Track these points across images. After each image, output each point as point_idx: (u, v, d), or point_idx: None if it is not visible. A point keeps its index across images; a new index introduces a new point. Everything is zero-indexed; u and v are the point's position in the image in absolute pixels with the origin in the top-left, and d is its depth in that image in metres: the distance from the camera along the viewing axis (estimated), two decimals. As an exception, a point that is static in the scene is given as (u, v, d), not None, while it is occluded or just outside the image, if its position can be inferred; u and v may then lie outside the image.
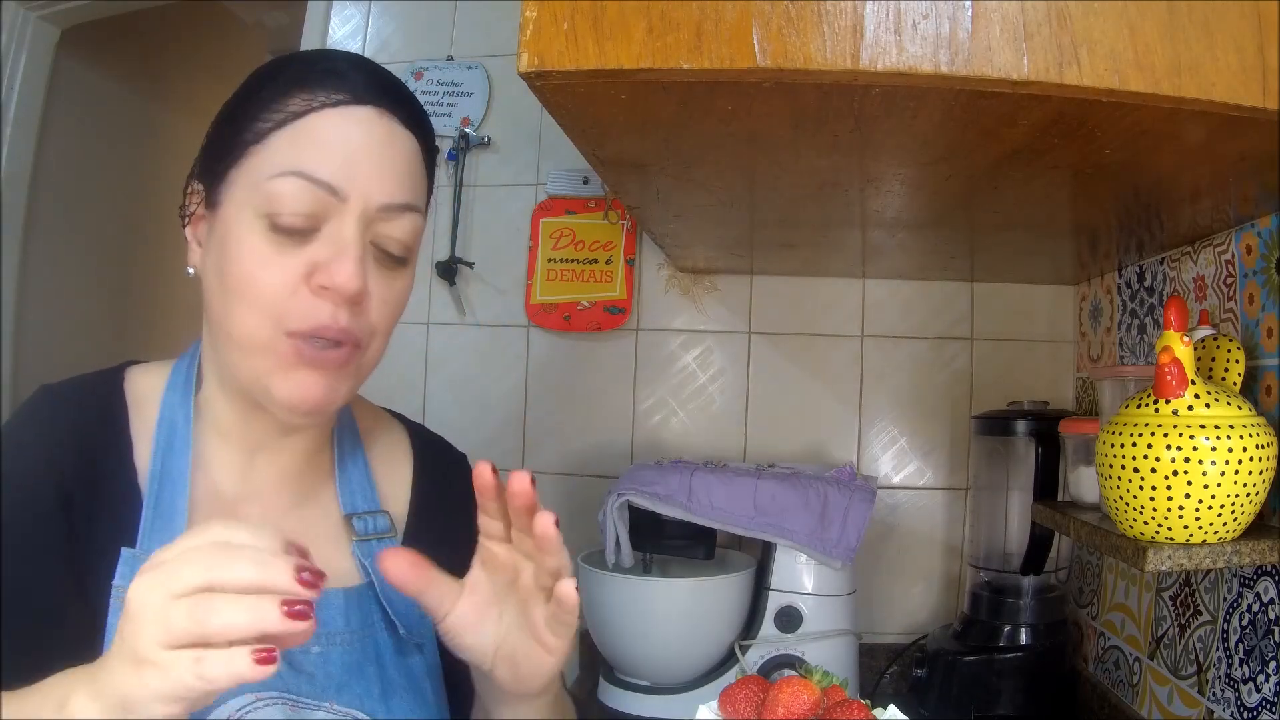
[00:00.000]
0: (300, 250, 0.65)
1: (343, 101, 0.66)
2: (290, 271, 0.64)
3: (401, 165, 0.69)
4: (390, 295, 0.70)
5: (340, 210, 0.65)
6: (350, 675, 0.69)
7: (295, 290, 0.64)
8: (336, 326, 0.65)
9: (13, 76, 2.01)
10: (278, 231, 0.64)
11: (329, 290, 0.64)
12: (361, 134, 0.66)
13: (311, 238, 0.65)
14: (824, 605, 1.30)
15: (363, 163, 0.66)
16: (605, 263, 1.60)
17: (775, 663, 1.28)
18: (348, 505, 0.77)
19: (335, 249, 0.65)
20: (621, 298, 1.58)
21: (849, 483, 1.31)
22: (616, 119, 0.73)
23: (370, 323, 0.68)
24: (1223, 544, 0.84)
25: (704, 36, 0.60)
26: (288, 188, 0.64)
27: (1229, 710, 0.96)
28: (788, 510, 1.27)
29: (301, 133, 0.65)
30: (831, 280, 1.57)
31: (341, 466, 0.79)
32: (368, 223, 0.66)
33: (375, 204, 0.66)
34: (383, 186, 0.67)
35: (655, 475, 1.30)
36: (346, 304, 0.65)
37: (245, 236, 0.65)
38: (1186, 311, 0.88)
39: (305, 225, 0.64)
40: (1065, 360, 1.53)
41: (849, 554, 1.27)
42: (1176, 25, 0.61)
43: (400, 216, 0.68)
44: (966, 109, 0.67)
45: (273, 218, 0.64)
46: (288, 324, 0.64)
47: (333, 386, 0.67)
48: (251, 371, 0.67)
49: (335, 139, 0.65)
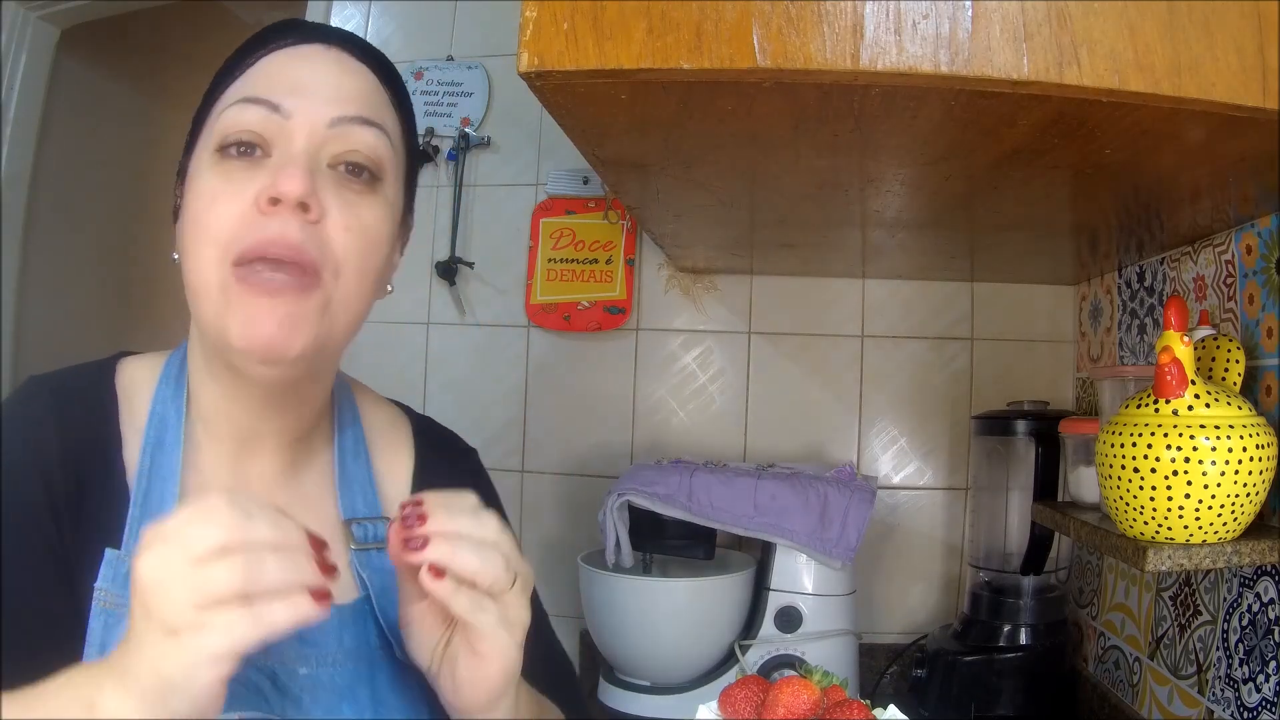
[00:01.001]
0: (251, 177, 0.62)
1: (291, 43, 0.67)
2: (240, 198, 0.62)
3: (353, 86, 0.67)
4: (355, 222, 0.64)
5: (287, 129, 0.63)
6: (340, 699, 0.65)
7: (244, 215, 0.61)
8: (285, 241, 0.60)
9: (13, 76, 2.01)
10: (228, 161, 0.63)
11: (276, 203, 0.61)
12: (308, 63, 0.66)
13: (262, 164, 0.63)
14: (824, 605, 1.30)
15: (309, 84, 0.65)
16: (605, 263, 1.60)
17: (775, 663, 1.28)
18: (347, 509, 0.73)
19: (282, 164, 0.62)
20: (621, 298, 1.58)
21: (849, 483, 1.31)
22: (616, 119, 0.73)
23: (332, 250, 0.63)
24: (1223, 544, 0.84)
25: (704, 36, 0.60)
26: (234, 113, 0.63)
27: (1229, 710, 0.96)
28: (788, 510, 1.28)
29: (251, 75, 0.66)
30: (831, 280, 1.57)
31: (342, 464, 0.75)
32: (320, 140, 0.64)
33: (324, 119, 0.64)
34: (332, 104, 0.65)
35: (655, 475, 1.30)
36: (296, 215, 0.61)
37: (201, 178, 0.64)
38: (1186, 311, 0.88)
39: (254, 146, 0.63)
40: (1065, 360, 1.53)
41: (849, 554, 1.27)
42: (1176, 25, 0.61)
43: (355, 130, 0.65)
44: (966, 109, 0.67)
45: (222, 147, 0.63)
46: (234, 250, 0.61)
47: (291, 322, 0.61)
48: (211, 317, 0.63)
49: (282, 70, 0.66)
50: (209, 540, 0.49)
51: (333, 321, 0.64)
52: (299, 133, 0.63)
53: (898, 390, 1.56)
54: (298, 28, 0.68)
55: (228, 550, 0.49)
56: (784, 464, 1.45)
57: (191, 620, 0.48)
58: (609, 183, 1.04)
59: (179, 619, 0.48)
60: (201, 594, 0.48)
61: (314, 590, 0.50)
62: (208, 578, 0.48)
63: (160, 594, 0.48)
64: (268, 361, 0.62)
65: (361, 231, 0.65)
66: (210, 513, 0.50)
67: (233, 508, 0.50)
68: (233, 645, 0.48)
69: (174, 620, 0.48)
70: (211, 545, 0.48)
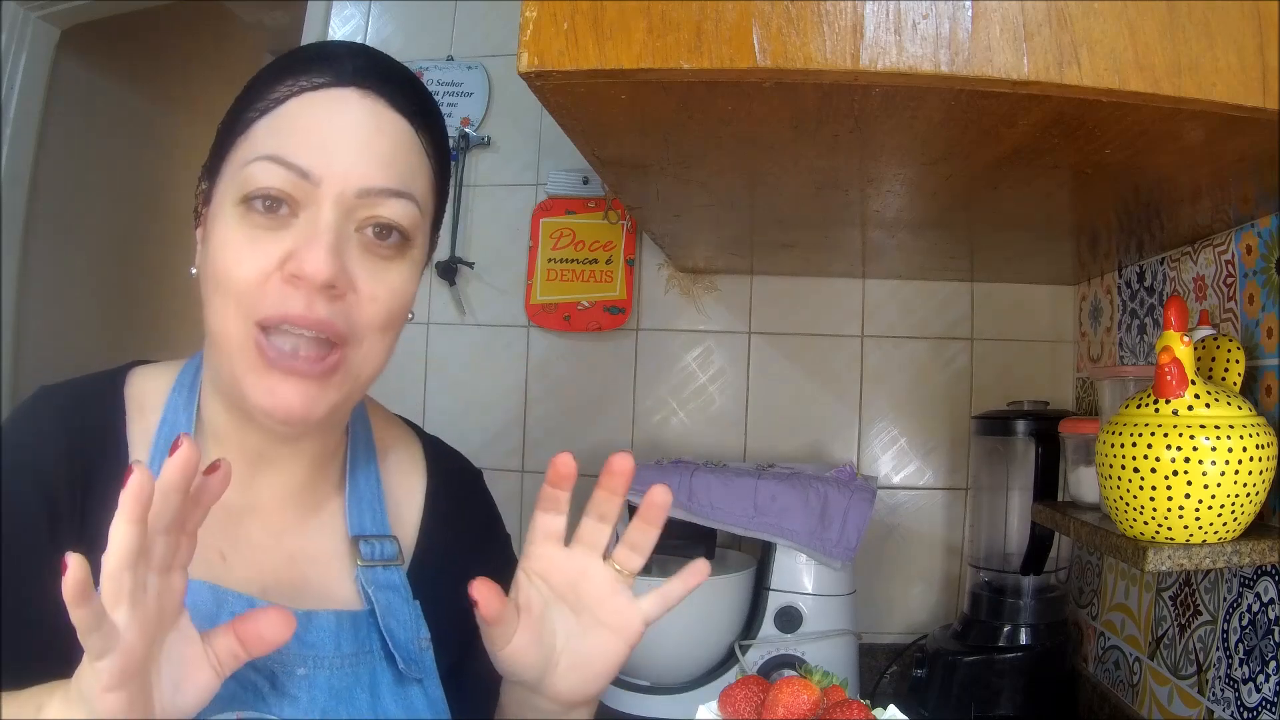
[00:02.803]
0: (275, 239, 0.61)
1: (324, 84, 0.63)
2: (263, 261, 0.61)
3: (385, 148, 0.64)
4: (381, 290, 0.64)
5: (315, 195, 0.62)
6: (337, 701, 0.65)
7: (267, 279, 0.61)
8: (311, 317, 0.60)
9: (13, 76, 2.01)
10: (252, 217, 0.61)
11: (299, 279, 0.60)
12: (340, 116, 0.63)
13: (288, 226, 0.62)
14: (824, 605, 1.30)
15: (339, 145, 0.62)
16: (605, 263, 1.60)
17: (775, 663, 1.28)
18: (355, 526, 0.73)
19: (308, 236, 0.61)
20: (621, 298, 1.58)
21: (849, 483, 1.31)
22: (616, 119, 0.73)
23: (357, 319, 0.63)
24: (1223, 544, 0.84)
25: (704, 36, 0.60)
26: (260, 171, 0.61)
27: (1229, 710, 0.96)
28: (788, 510, 1.27)
29: (281, 118, 0.63)
30: (831, 280, 1.57)
31: (353, 481, 0.74)
32: (346, 209, 0.62)
33: (353, 188, 0.62)
34: (363, 170, 0.63)
35: (655, 475, 1.30)
36: (321, 294, 0.61)
37: (224, 227, 0.63)
38: (1186, 311, 0.87)
39: (280, 211, 0.61)
40: (1065, 360, 1.53)
41: (849, 554, 1.27)
42: (1176, 25, 0.61)
43: (384, 202, 0.64)
44: (966, 109, 0.67)
45: (249, 204, 0.62)
46: (258, 313, 0.61)
47: (315, 395, 0.62)
48: (229, 373, 0.63)
49: (312, 122, 0.63)
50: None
51: (355, 380, 0.66)
52: (325, 201, 0.62)
53: (898, 390, 1.56)
54: (332, 63, 0.65)
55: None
56: (784, 464, 1.45)
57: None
58: (609, 183, 1.04)
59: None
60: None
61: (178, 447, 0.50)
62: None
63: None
64: (287, 425, 0.63)
65: (389, 299, 0.65)
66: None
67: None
68: (90, 620, 0.48)
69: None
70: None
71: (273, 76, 0.65)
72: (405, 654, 0.70)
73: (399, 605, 0.71)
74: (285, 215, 0.62)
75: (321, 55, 0.65)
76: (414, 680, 0.70)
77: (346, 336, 0.63)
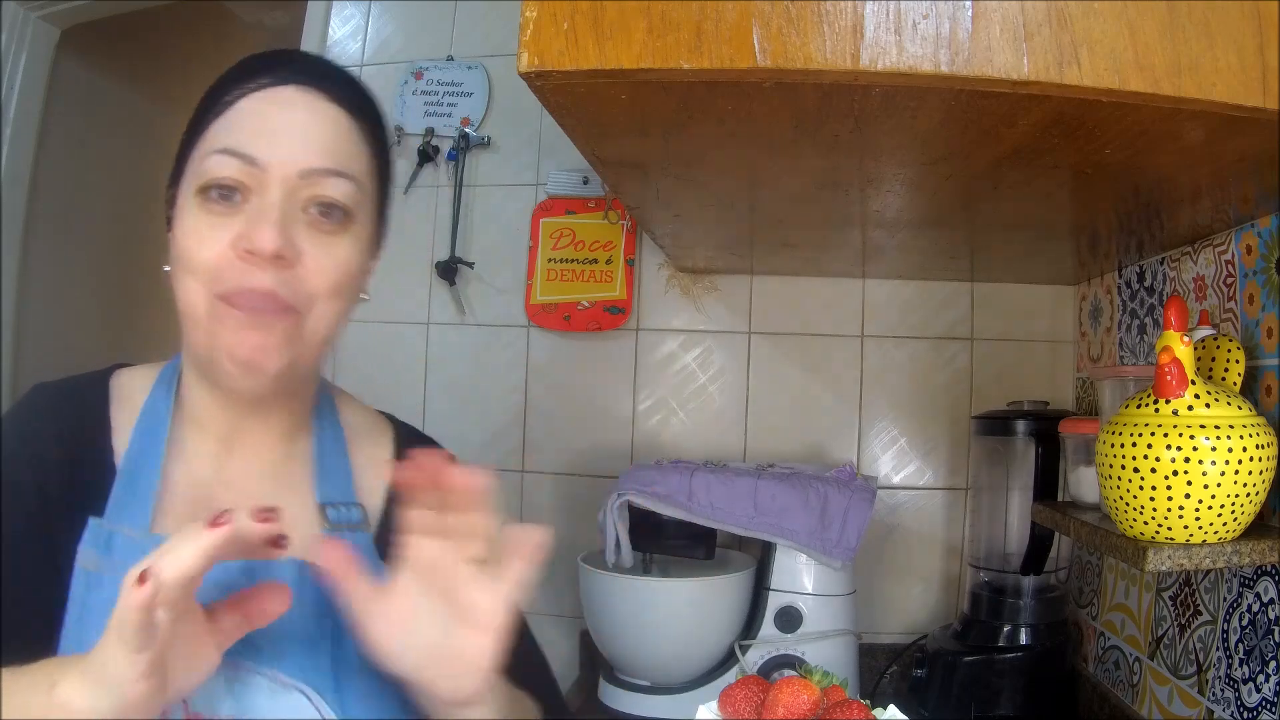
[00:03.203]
0: (229, 221, 0.69)
1: (267, 85, 0.72)
2: (220, 241, 0.68)
3: (324, 135, 0.72)
4: (328, 261, 0.71)
5: (263, 180, 0.69)
6: (296, 647, 0.69)
7: (223, 256, 0.68)
8: (262, 287, 0.68)
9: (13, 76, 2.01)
10: (209, 204, 0.69)
11: (251, 254, 0.67)
12: (281, 109, 0.71)
13: (240, 210, 0.69)
14: (824, 605, 1.31)
15: (281, 134, 0.70)
16: (605, 263, 1.60)
17: (775, 663, 1.28)
18: (322, 495, 0.78)
19: (258, 215, 0.68)
20: (621, 298, 1.58)
21: (849, 483, 1.31)
22: (616, 119, 0.73)
23: (306, 288, 0.70)
24: (1223, 544, 0.84)
25: (704, 36, 0.60)
26: (215, 163, 0.69)
27: (1229, 710, 0.96)
28: (788, 510, 1.27)
29: (230, 117, 0.71)
30: (831, 280, 1.57)
31: (320, 458, 0.80)
32: (290, 189, 0.69)
33: (296, 170, 0.69)
34: (303, 154, 0.70)
35: (655, 475, 1.30)
36: (271, 264, 0.68)
37: (185, 216, 0.71)
38: (1186, 311, 0.88)
39: (233, 196, 0.69)
40: (1065, 360, 1.53)
41: (849, 554, 1.27)
42: (1176, 25, 0.61)
43: (325, 181, 0.71)
44: (966, 109, 0.67)
45: (204, 193, 0.69)
46: (218, 287, 0.68)
47: (273, 345, 0.69)
48: (204, 341, 0.70)
49: (258, 117, 0.71)
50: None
51: (305, 343, 0.72)
52: (272, 184, 0.69)
53: (898, 390, 1.56)
54: (275, 66, 0.73)
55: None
56: (784, 464, 1.45)
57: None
58: (609, 183, 1.04)
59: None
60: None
61: (259, 516, 0.56)
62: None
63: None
64: (248, 376, 0.70)
65: (334, 268, 0.72)
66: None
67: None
68: (131, 616, 0.52)
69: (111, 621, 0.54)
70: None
71: (223, 86, 0.73)
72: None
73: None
74: (238, 201, 0.69)
75: (265, 61, 0.74)
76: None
77: (297, 302, 0.70)
